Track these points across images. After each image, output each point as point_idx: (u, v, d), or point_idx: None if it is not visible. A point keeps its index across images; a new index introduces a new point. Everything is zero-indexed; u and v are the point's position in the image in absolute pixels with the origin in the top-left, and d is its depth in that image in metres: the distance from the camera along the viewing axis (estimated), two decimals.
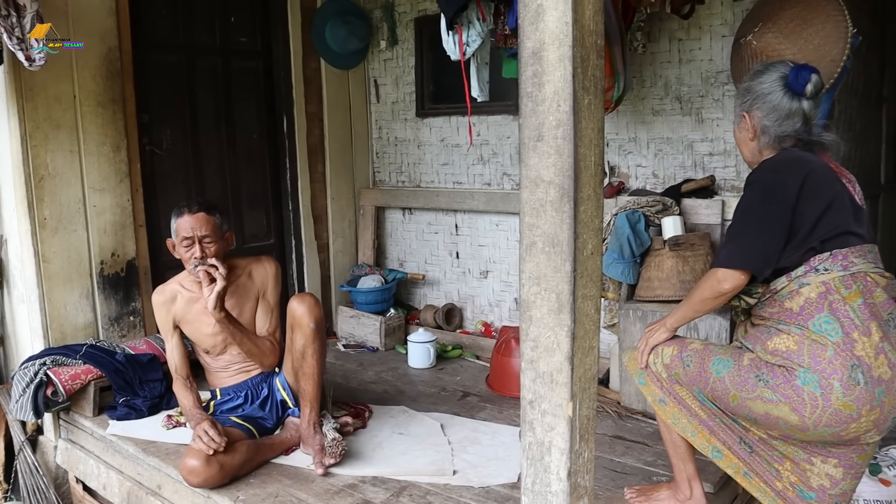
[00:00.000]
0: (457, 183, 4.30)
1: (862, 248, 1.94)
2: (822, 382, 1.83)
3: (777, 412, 1.90)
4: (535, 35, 1.43)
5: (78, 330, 3.38)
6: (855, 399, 1.82)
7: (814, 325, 1.87)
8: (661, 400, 2.18)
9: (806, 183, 1.90)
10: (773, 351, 1.93)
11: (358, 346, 4.25)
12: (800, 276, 1.91)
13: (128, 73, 3.49)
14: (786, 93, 2.00)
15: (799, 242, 1.91)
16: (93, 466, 3.03)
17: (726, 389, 2.00)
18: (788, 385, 1.88)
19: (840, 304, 1.87)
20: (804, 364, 1.86)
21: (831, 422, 1.84)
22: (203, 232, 2.71)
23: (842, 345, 1.83)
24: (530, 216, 1.48)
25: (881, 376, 1.83)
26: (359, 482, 2.54)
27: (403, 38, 4.40)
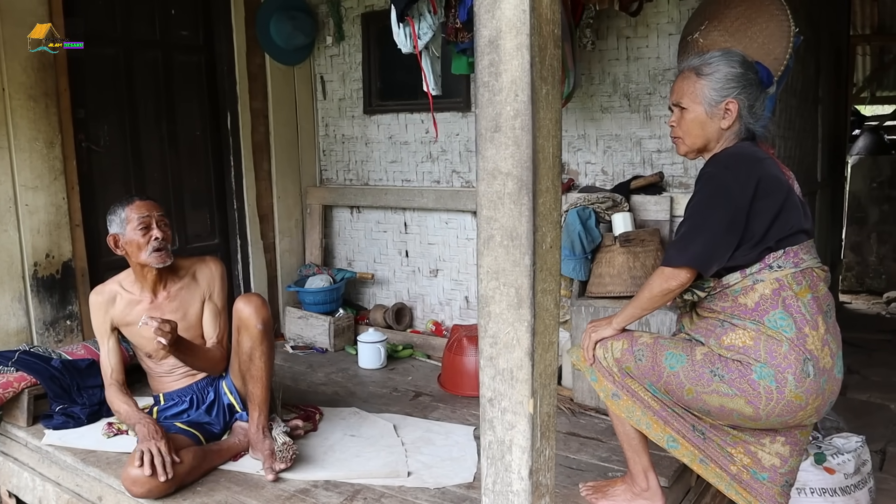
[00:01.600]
0: (406, 181, 4.26)
1: (808, 243, 2.01)
2: (778, 376, 1.89)
3: (732, 405, 1.95)
4: (492, 23, 1.39)
5: (10, 336, 3.22)
6: (805, 390, 1.90)
7: (769, 321, 1.92)
8: (615, 394, 2.18)
9: (760, 183, 1.93)
10: (729, 346, 1.96)
11: (306, 348, 4.16)
12: (754, 273, 1.95)
13: (62, 66, 3.34)
14: (761, 87, 2.05)
15: (756, 242, 1.94)
16: (27, 479, 2.88)
17: (681, 384, 2.02)
18: (744, 379, 1.92)
19: (793, 300, 1.92)
20: (761, 359, 1.91)
21: (783, 412, 1.92)
22: (159, 213, 2.67)
23: (795, 340, 1.89)
24: (488, 209, 1.44)
25: (825, 366, 1.92)
26: (311, 487, 2.47)
27: (350, 34, 4.33)
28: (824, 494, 2.87)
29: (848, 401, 4.31)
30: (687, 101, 2.05)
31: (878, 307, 6.80)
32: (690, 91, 2.04)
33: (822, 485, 2.87)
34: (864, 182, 7.30)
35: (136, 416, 2.56)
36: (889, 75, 9.48)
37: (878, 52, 9.07)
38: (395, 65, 4.20)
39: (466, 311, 4.11)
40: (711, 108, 2.01)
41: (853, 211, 7.32)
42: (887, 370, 4.82)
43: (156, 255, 2.61)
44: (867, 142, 8.09)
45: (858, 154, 7.82)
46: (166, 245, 2.64)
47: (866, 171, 7.31)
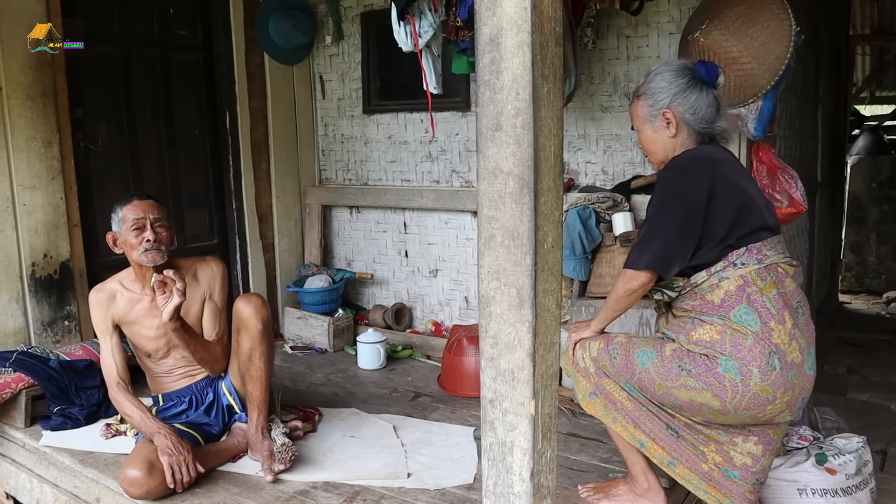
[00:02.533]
0: (405, 181, 4.24)
1: (772, 240, 2.06)
2: (743, 369, 1.93)
3: (700, 398, 1.99)
4: (493, 21, 1.38)
5: (7, 336, 3.20)
6: (771, 383, 1.94)
7: (734, 316, 1.97)
8: (592, 393, 2.21)
9: (717, 183, 1.99)
10: (697, 341, 2.01)
11: (306, 348, 4.15)
12: (719, 271, 2.00)
13: (59, 65, 3.33)
14: (701, 87, 2.10)
15: (718, 242, 1.99)
16: (25, 481, 2.86)
17: (652, 380, 2.06)
18: (710, 373, 1.96)
19: (757, 295, 1.97)
20: (726, 352, 1.95)
21: (750, 405, 1.96)
22: (154, 215, 2.62)
23: (760, 334, 1.94)
24: (489, 208, 1.43)
25: (793, 361, 1.96)
26: (310, 488, 2.46)
27: (349, 34, 4.32)
28: (826, 495, 2.85)
29: (848, 401, 4.30)
30: (636, 124, 2.19)
31: (878, 307, 6.79)
32: (635, 114, 2.18)
33: (823, 485, 2.86)
34: (863, 182, 7.30)
35: (151, 425, 2.51)
36: (888, 75, 9.48)
37: (878, 51, 9.07)
38: (394, 64, 4.19)
39: (466, 312, 4.10)
40: (652, 123, 2.13)
41: (853, 211, 7.32)
42: (887, 370, 4.81)
43: (146, 255, 2.58)
44: (867, 142, 8.09)
45: (858, 154, 7.81)
46: (158, 246, 2.59)
47: (866, 171, 7.30)
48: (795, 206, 3.04)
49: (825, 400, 4.05)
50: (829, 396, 4.31)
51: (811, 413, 3.49)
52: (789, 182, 3.04)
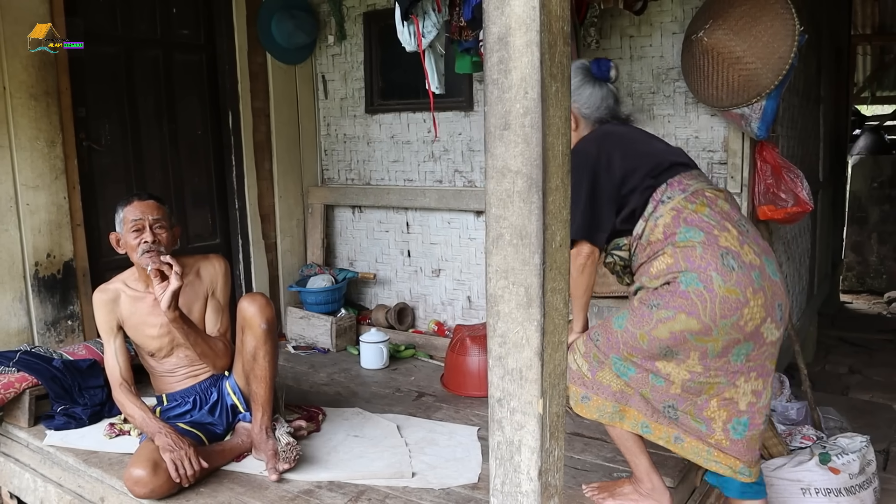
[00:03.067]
0: (408, 180, 4.24)
1: (691, 172, 2.17)
2: (702, 276, 1.96)
3: (679, 326, 1.99)
4: (501, 20, 1.38)
5: (11, 336, 3.20)
6: (735, 283, 1.96)
7: (679, 238, 2.03)
8: (584, 397, 2.17)
9: (613, 143, 2.17)
10: (656, 274, 2.05)
11: (308, 348, 4.15)
12: (652, 213, 2.09)
13: (63, 65, 3.33)
14: (594, 83, 2.26)
15: (637, 188, 2.11)
16: (28, 480, 2.86)
17: (633, 335, 2.06)
18: (675, 295, 1.99)
19: (692, 214, 2.05)
20: (682, 268, 1.99)
21: (725, 311, 1.96)
22: (154, 216, 2.61)
23: (706, 241, 2.00)
24: (497, 207, 1.43)
25: (751, 262, 2.00)
26: (315, 488, 2.46)
27: (352, 33, 4.32)
28: (829, 494, 2.86)
29: (851, 401, 4.31)
30: None
31: (879, 307, 6.79)
32: None
33: (826, 485, 2.86)
34: (864, 182, 7.30)
35: (153, 425, 2.52)
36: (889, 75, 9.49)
37: (879, 51, 9.07)
38: (397, 64, 4.19)
39: (469, 311, 4.10)
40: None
41: (854, 211, 7.32)
42: (889, 370, 4.81)
43: (144, 258, 2.56)
44: (868, 141, 8.09)
45: (859, 154, 7.82)
46: (157, 248, 2.56)
47: (867, 170, 7.30)
48: (801, 205, 3.05)
49: (828, 400, 4.06)
50: (832, 396, 4.32)
51: (814, 413, 3.50)
52: (794, 181, 3.04)
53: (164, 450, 2.40)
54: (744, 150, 3.17)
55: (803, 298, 4.64)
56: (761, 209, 3.13)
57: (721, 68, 2.92)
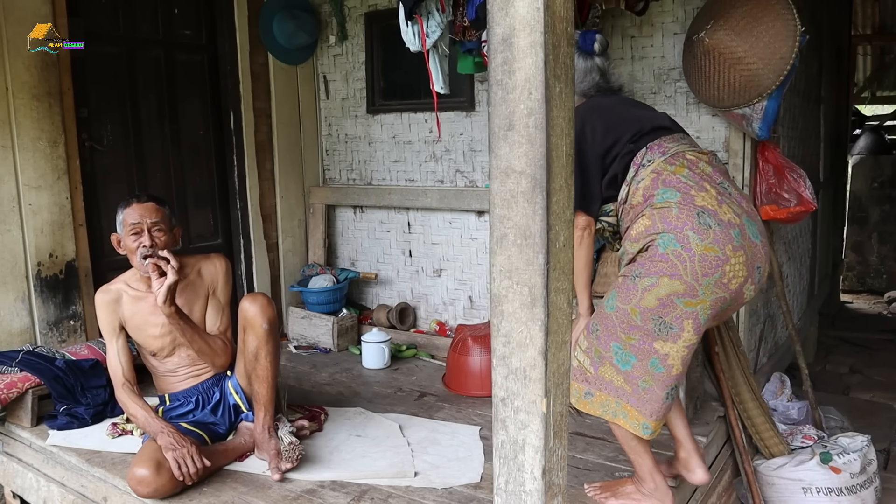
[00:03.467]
0: (409, 180, 4.25)
1: (673, 136, 2.21)
2: (678, 236, 2.00)
3: (664, 290, 2.01)
4: (506, 21, 1.39)
5: (13, 336, 3.21)
6: (713, 241, 1.99)
7: (657, 199, 2.08)
8: (587, 393, 2.20)
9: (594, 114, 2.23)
10: (636, 237, 2.09)
11: (310, 348, 4.15)
12: (633, 178, 2.15)
13: (65, 65, 3.33)
14: (579, 55, 2.34)
15: (617, 151, 2.17)
16: (31, 480, 2.87)
17: (624, 311, 2.09)
18: (655, 259, 2.03)
19: (670, 175, 2.10)
20: (659, 230, 2.03)
21: (705, 269, 1.99)
22: (152, 220, 2.60)
23: (682, 202, 2.04)
24: (501, 207, 1.44)
25: (730, 220, 2.03)
26: (318, 487, 2.46)
27: (353, 34, 4.32)
28: (830, 494, 2.86)
29: (851, 400, 4.31)
30: None
31: (880, 307, 6.80)
32: None
33: (827, 484, 2.87)
34: (864, 182, 7.30)
35: (155, 424, 2.53)
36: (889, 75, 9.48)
37: (879, 51, 9.07)
38: (398, 64, 4.20)
39: (470, 311, 4.11)
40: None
41: (854, 211, 7.32)
42: (890, 370, 4.82)
43: (141, 263, 2.57)
44: (868, 141, 8.09)
45: (859, 154, 7.82)
46: (155, 251, 2.55)
47: (867, 170, 7.31)
48: (805, 205, 3.05)
49: (828, 399, 4.07)
50: (832, 396, 4.32)
51: (815, 412, 3.50)
52: (797, 181, 3.05)
53: (166, 449, 2.41)
54: (745, 150, 3.17)
55: (804, 298, 4.64)
56: (763, 209, 3.13)
57: (722, 69, 2.93)
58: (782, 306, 3.57)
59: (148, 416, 2.58)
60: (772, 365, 3.75)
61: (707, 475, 2.33)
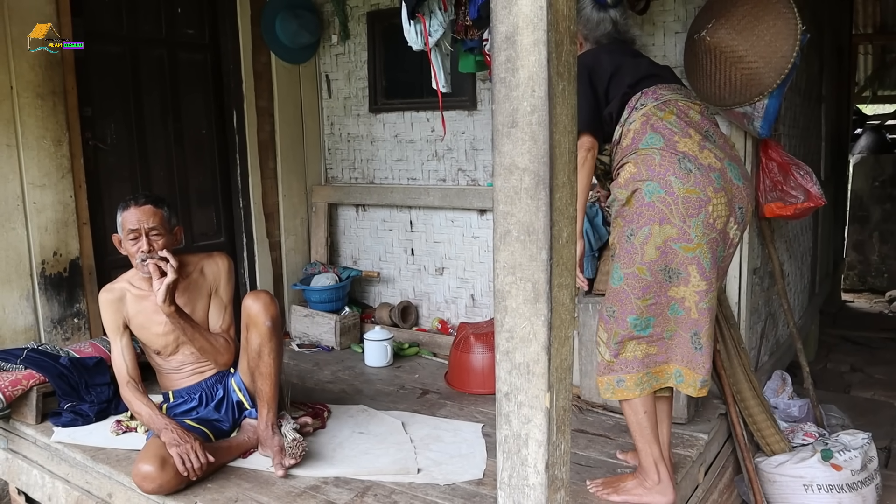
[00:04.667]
0: (411, 179, 4.26)
1: (669, 85, 2.32)
2: (662, 183, 2.11)
3: (659, 238, 2.12)
4: (509, 19, 1.40)
5: (18, 333, 3.22)
6: (694, 184, 2.11)
7: (643, 144, 2.18)
8: (619, 381, 2.25)
9: (599, 53, 2.37)
10: (623, 184, 2.19)
11: (312, 346, 4.17)
12: (626, 119, 2.25)
13: (69, 64, 3.35)
14: (594, 7, 2.44)
15: (616, 91, 2.26)
16: (36, 476, 2.88)
17: (633, 275, 2.17)
18: (642, 210, 2.13)
19: (658, 121, 2.20)
20: (643, 177, 2.14)
21: (690, 210, 2.11)
22: (150, 224, 2.60)
23: (665, 148, 2.15)
24: (504, 204, 1.45)
25: (711, 164, 2.14)
26: (321, 483, 2.48)
27: (355, 33, 4.34)
28: (831, 491, 2.88)
29: (852, 399, 4.33)
30: None
31: (881, 305, 6.81)
32: None
33: (829, 481, 2.88)
34: (865, 181, 7.31)
35: (159, 421, 2.54)
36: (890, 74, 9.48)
37: (880, 51, 9.08)
38: (400, 63, 4.21)
39: (472, 310, 4.12)
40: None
41: (855, 210, 7.33)
42: (891, 368, 4.83)
43: (141, 265, 2.59)
44: (869, 141, 8.09)
45: (860, 153, 7.82)
46: (153, 256, 2.56)
47: (868, 169, 7.32)
48: (813, 200, 3.06)
49: (829, 398, 4.08)
50: (833, 394, 4.33)
51: (816, 410, 3.51)
52: (804, 177, 3.05)
53: (170, 445, 2.42)
54: (746, 148, 3.18)
55: (805, 297, 4.65)
56: (767, 207, 3.14)
57: (723, 67, 2.93)
58: (783, 304, 3.58)
59: (152, 412, 2.59)
60: (773, 363, 3.76)
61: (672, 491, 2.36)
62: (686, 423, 2.84)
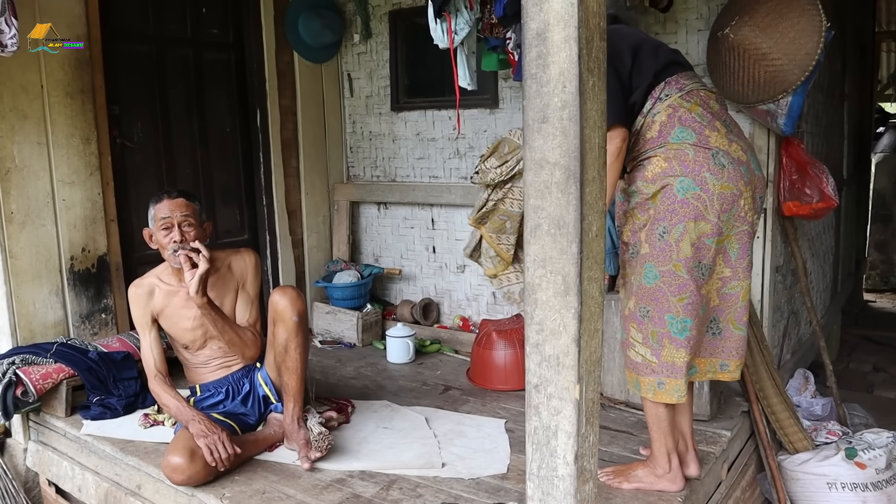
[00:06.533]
0: (433, 177, 4.28)
1: (688, 72, 2.29)
2: (697, 179, 2.11)
3: (694, 234, 2.12)
4: (540, 16, 1.42)
5: (47, 328, 3.28)
6: (728, 179, 2.12)
7: (673, 139, 2.16)
8: (659, 383, 2.24)
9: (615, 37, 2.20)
10: (652, 178, 2.16)
11: (334, 343, 4.20)
12: (650, 110, 2.21)
13: (97, 63, 3.40)
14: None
15: (639, 81, 2.21)
16: (66, 468, 2.94)
17: (669, 273, 2.16)
18: (675, 207, 2.12)
19: (686, 113, 2.18)
20: (677, 173, 2.12)
21: (724, 206, 2.12)
22: (182, 214, 2.65)
23: (698, 143, 2.13)
24: (535, 198, 1.47)
25: (739, 158, 2.16)
26: (347, 476, 2.51)
27: (377, 32, 4.37)
28: (855, 489, 2.87)
29: (875, 398, 4.30)
30: None
31: None
32: None
33: (853, 480, 2.87)
34: (888, 180, 7.25)
35: (187, 413, 2.58)
36: None
37: None
38: (422, 62, 4.24)
39: (494, 307, 4.13)
40: None
41: (877, 209, 7.27)
42: None
43: (173, 256, 2.64)
44: (892, 139, 8.00)
45: (883, 152, 7.74)
46: (185, 247, 2.60)
47: (891, 168, 7.25)
48: (826, 201, 3.05)
49: (852, 397, 4.06)
50: (856, 393, 4.31)
51: (839, 408, 3.50)
52: (819, 177, 3.05)
53: (197, 436, 2.46)
54: (769, 146, 3.18)
55: (827, 296, 4.63)
56: (786, 205, 3.14)
57: (747, 65, 2.93)
58: (807, 302, 3.57)
59: (180, 405, 2.63)
60: (795, 361, 3.75)
61: (699, 470, 2.42)
62: (709, 419, 2.84)
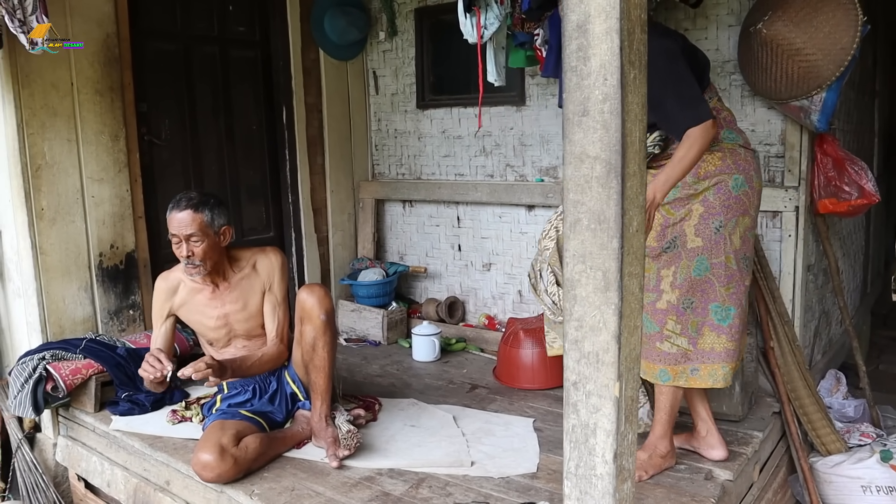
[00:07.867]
0: (458, 175, 4.27)
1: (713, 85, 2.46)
2: (747, 177, 2.32)
3: (742, 228, 2.33)
4: (581, 7, 1.39)
5: (77, 324, 3.30)
6: (761, 178, 2.41)
7: (724, 138, 2.35)
8: (693, 370, 2.34)
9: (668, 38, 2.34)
10: (705, 175, 2.30)
11: (360, 340, 4.20)
12: None
13: (126, 61, 3.42)
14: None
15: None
16: (95, 463, 2.96)
17: (721, 265, 2.30)
18: (730, 203, 2.29)
19: (728, 114, 2.41)
20: (732, 171, 2.31)
21: (758, 203, 2.40)
22: (189, 231, 2.63)
23: (745, 144, 2.38)
24: (575, 193, 1.44)
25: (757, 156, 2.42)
26: (376, 474, 2.50)
27: (403, 29, 4.36)
28: (891, 493, 2.82)
29: None
30: None
31: None
32: None
33: (888, 483, 2.83)
34: None
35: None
36: None
37: None
38: (448, 59, 4.22)
39: (520, 305, 4.11)
40: None
41: None
42: None
43: (185, 271, 2.71)
44: None
45: None
46: (193, 261, 2.64)
47: None
48: (867, 197, 3.00)
49: (883, 399, 3.99)
50: (887, 395, 4.23)
51: (872, 410, 3.44)
52: (859, 173, 2.99)
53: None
54: (802, 143, 3.13)
55: (857, 296, 4.56)
56: (822, 203, 3.08)
57: (780, 60, 2.89)
58: (839, 302, 3.51)
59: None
60: (826, 362, 3.69)
61: (726, 452, 2.48)
62: (740, 420, 2.80)
